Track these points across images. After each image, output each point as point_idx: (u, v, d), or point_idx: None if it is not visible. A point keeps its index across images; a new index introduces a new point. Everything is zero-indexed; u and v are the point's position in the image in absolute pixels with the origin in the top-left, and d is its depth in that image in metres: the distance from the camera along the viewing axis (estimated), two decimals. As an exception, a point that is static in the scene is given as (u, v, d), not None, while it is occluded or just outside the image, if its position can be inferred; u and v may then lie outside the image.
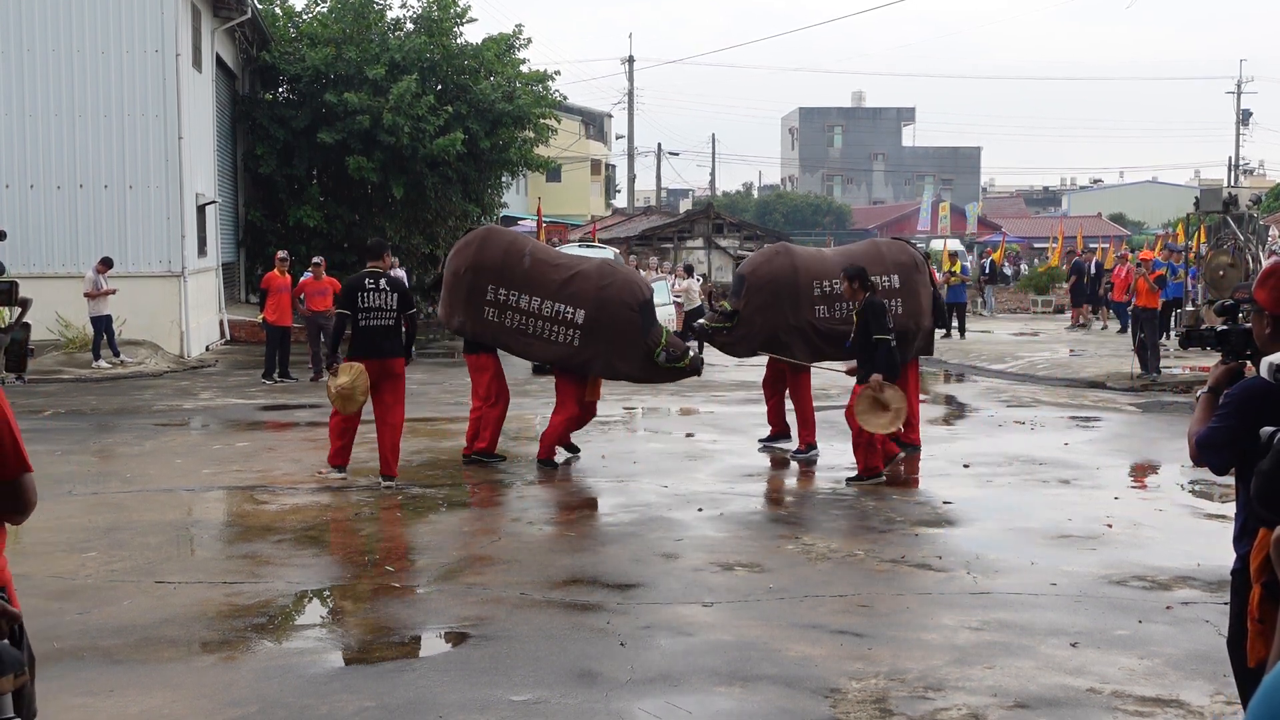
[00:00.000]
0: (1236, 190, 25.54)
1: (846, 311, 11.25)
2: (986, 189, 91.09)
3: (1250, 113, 69.52)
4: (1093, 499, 9.72)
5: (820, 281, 11.54)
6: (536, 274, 10.85)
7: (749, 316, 11.53)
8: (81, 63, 20.23)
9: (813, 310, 11.49)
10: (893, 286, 11.60)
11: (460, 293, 10.91)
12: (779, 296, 11.48)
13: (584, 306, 10.73)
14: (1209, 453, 3.83)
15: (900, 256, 11.89)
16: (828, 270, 11.62)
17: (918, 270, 11.83)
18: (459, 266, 10.95)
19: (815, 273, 11.58)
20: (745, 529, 8.69)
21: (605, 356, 10.82)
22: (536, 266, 10.91)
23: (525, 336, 10.92)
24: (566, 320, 10.76)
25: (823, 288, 11.53)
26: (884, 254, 11.90)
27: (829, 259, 11.96)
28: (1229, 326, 4.19)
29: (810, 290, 11.51)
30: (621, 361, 10.87)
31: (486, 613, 6.59)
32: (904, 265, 11.76)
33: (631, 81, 56.95)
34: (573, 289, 10.78)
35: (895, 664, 5.79)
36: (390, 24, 28.39)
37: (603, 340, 10.76)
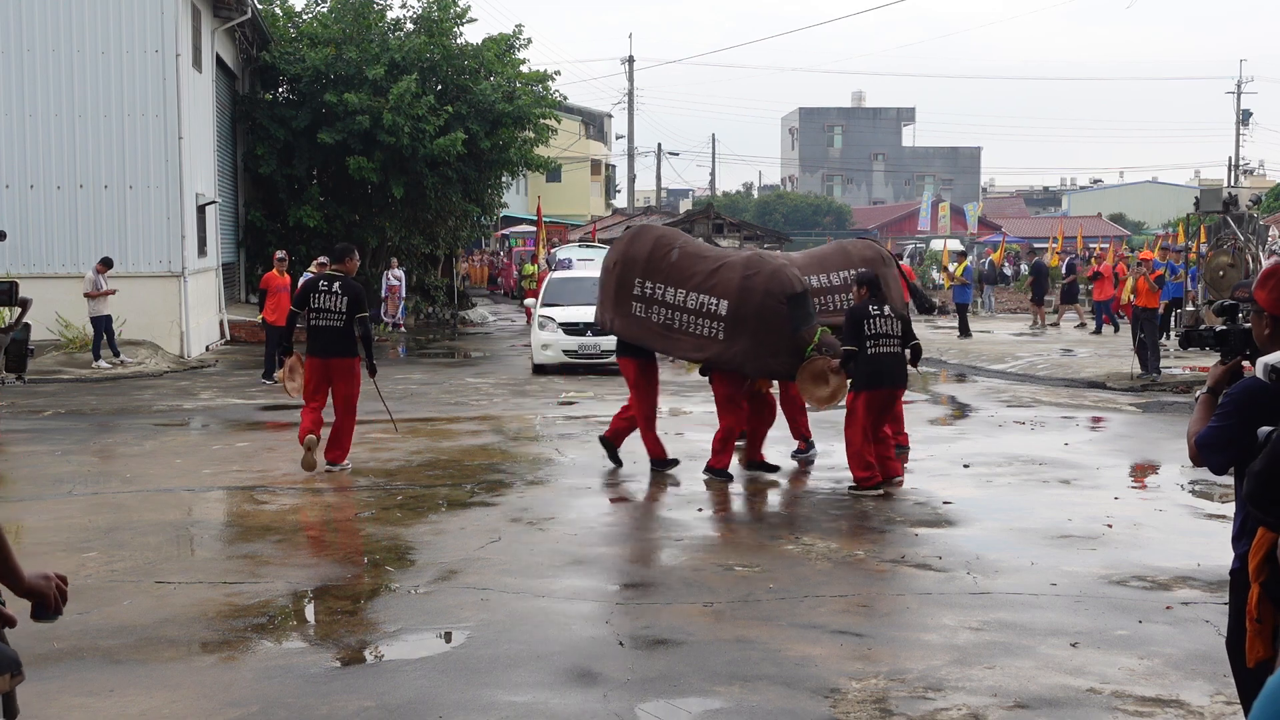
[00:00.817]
0: (1236, 190, 25.57)
1: (820, 306, 11.41)
2: (986, 189, 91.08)
3: (1250, 113, 69.54)
4: (1093, 499, 9.72)
5: None
6: (683, 265, 10.48)
7: None
8: (81, 63, 20.23)
9: None
10: None
11: (610, 288, 10.71)
12: None
13: (727, 297, 10.21)
14: (1208, 453, 3.83)
15: (866, 253, 11.96)
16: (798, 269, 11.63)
17: (885, 264, 11.87)
18: (611, 260, 10.84)
19: None
20: (745, 529, 8.69)
21: (756, 354, 10.24)
22: (684, 258, 10.54)
23: (671, 333, 10.49)
24: (710, 312, 10.27)
25: None
26: (850, 252, 12.02)
27: (796, 259, 12.14)
28: (1228, 327, 4.19)
29: None
30: (773, 359, 10.28)
31: (486, 613, 6.59)
32: (870, 261, 11.79)
33: (631, 81, 56.98)
34: (717, 279, 10.30)
35: (895, 664, 5.79)
36: (390, 24, 28.40)
37: (748, 334, 10.18)
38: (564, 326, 19.27)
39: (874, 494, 9.75)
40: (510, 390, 17.09)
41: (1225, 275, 18.84)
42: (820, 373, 10.14)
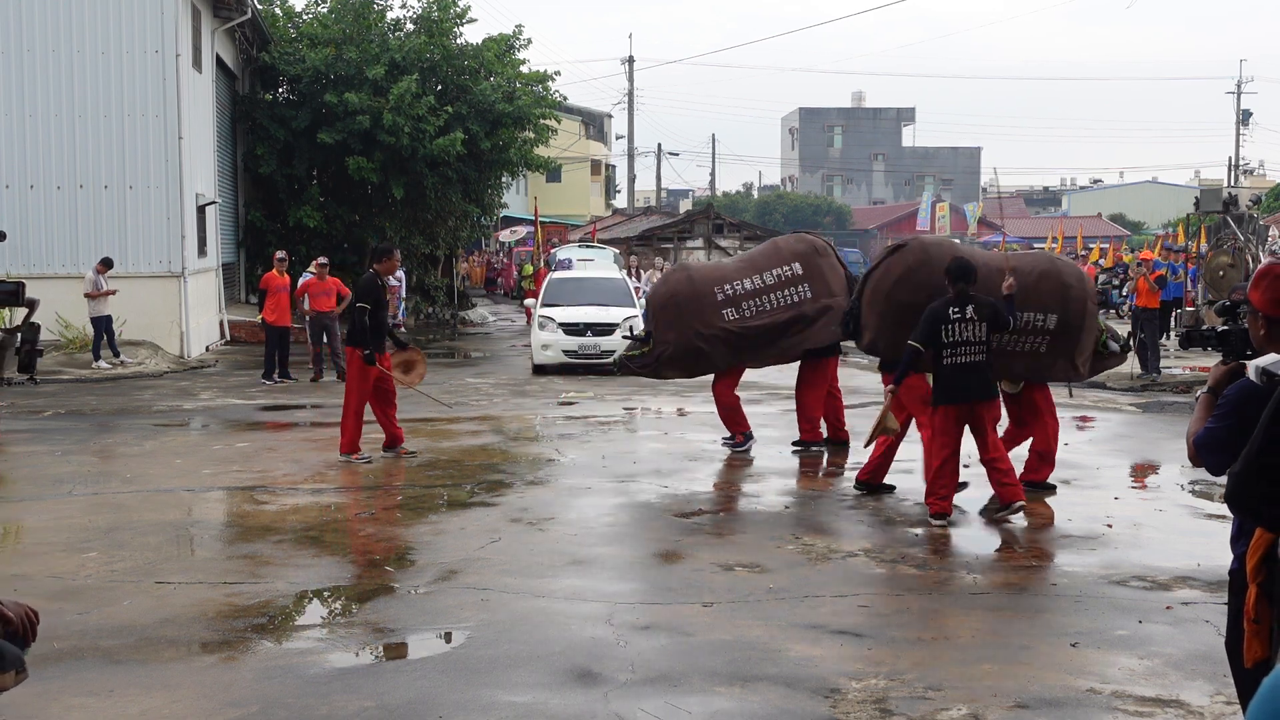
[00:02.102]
0: (1236, 190, 25.58)
1: (756, 310, 11.59)
2: (986, 189, 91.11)
3: (1250, 113, 69.54)
4: (1093, 499, 9.72)
5: (721, 286, 11.63)
6: None
7: (661, 337, 11.67)
8: (81, 63, 20.24)
9: (720, 315, 11.58)
10: (796, 273, 11.73)
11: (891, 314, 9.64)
12: (681, 310, 11.59)
13: (1055, 311, 9.63)
14: (1206, 453, 3.84)
15: (797, 246, 12.04)
16: (726, 275, 11.80)
17: (819, 254, 11.91)
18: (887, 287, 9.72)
19: (714, 279, 11.74)
20: (745, 529, 8.69)
21: (1069, 359, 9.81)
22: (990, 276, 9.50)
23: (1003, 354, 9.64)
24: (1037, 328, 9.66)
25: (725, 291, 11.61)
26: (781, 248, 12.10)
27: (727, 265, 12.22)
28: (1229, 326, 4.19)
29: (713, 296, 11.59)
30: (1080, 358, 9.88)
31: (486, 613, 6.59)
32: (802, 253, 11.86)
33: (631, 82, 56.99)
34: (1041, 291, 9.60)
35: (895, 664, 5.79)
36: (390, 24, 28.40)
37: (1072, 341, 9.75)
38: (564, 327, 19.27)
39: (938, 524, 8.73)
40: (510, 390, 17.09)
41: (1225, 275, 18.86)
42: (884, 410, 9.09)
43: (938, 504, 8.82)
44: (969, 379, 8.71)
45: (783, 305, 11.69)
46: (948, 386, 8.72)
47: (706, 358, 11.69)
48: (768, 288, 11.71)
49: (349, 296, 18.71)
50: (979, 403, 8.80)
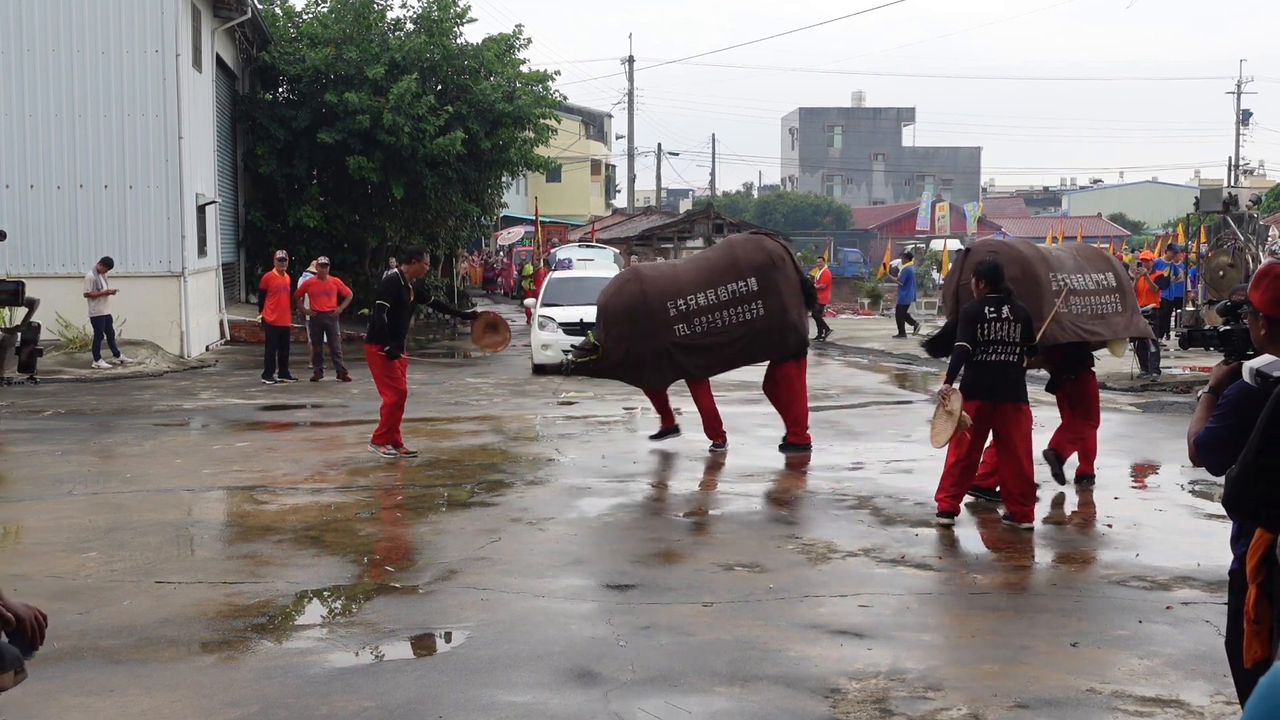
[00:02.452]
0: (1236, 190, 25.56)
1: (707, 326, 11.46)
2: (986, 189, 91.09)
3: (1250, 113, 69.54)
4: (1093, 499, 9.72)
5: (675, 301, 11.48)
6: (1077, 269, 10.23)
7: (611, 347, 11.56)
8: (81, 63, 20.24)
9: (672, 330, 11.46)
10: (751, 290, 11.58)
11: None
12: (635, 324, 11.45)
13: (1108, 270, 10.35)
14: (1206, 453, 3.84)
15: (755, 257, 11.76)
16: (681, 287, 11.57)
17: (775, 266, 11.72)
18: None
19: (668, 293, 11.53)
20: (745, 529, 8.69)
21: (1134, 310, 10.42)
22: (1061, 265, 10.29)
23: None
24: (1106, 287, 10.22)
25: (679, 306, 11.47)
26: (739, 259, 11.76)
27: (681, 275, 11.84)
28: (1231, 326, 4.19)
29: (666, 312, 11.44)
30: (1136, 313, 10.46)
31: (486, 613, 6.59)
32: (759, 266, 11.68)
33: (631, 81, 57.00)
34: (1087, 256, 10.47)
35: (895, 664, 5.79)
36: (390, 24, 28.41)
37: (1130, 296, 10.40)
38: (564, 326, 19.27)
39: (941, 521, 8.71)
40: (510, 390, 17.09)
41: (1225, 275, 18.85)
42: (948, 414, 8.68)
43: (946, 501, 8.76)
44: (997, 378, 8.64)
45: (734, 323, 11.57)
46: (975, 383, 8.63)
47: (650, 371, 11.56)
48: (721, 304, 11.54)
49: (349, 296, 18.74)
50: (1004, 403, 8.68)
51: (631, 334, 11.46)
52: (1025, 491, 8.72)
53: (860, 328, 28.33)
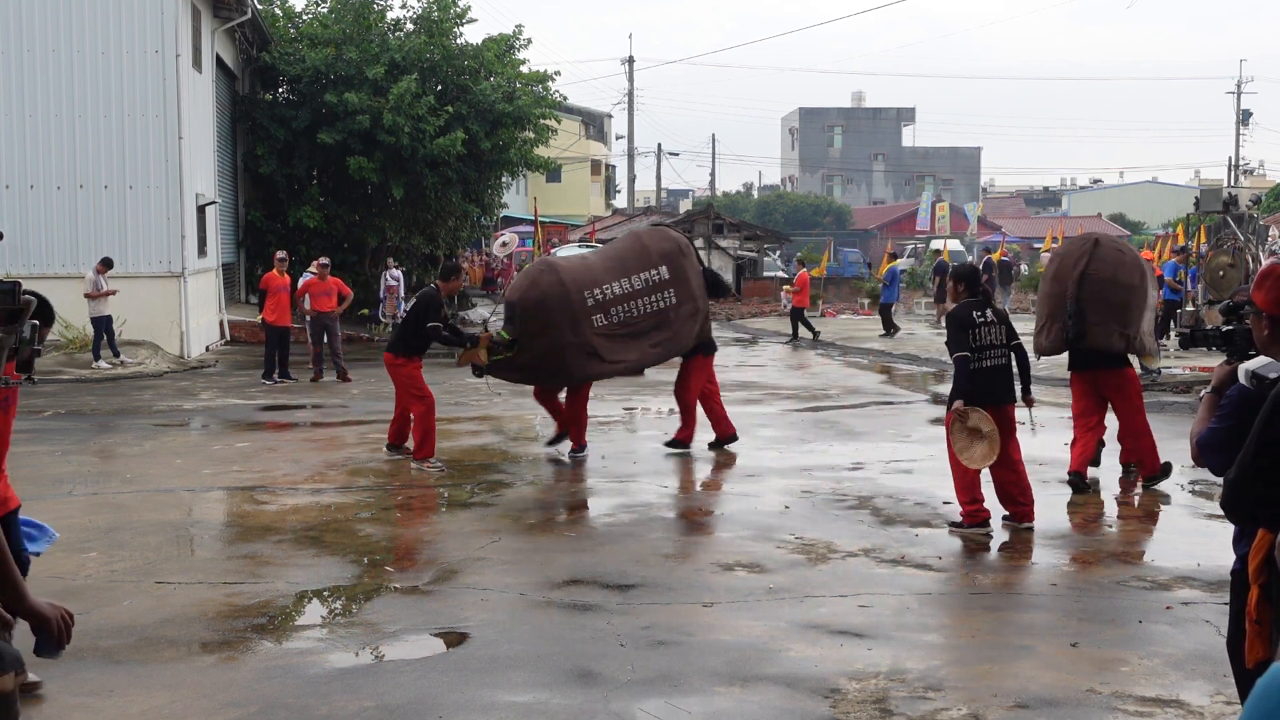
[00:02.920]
0: (1236, 190, 25.56)
1: (624, 316, 11.26)
2: (986, 189, 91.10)
3: (1250, 113, 69.54)
4: (1092, 499, 9.72)
5: (592, 290, 11.21)
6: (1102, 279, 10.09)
7: (529, 343, 11.16)
8: (81, 63, 20.24)
9: (590, 322, 11.16)
10: (663, 278, 11.45)
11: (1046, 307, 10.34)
12: (553, 316, 11.05)
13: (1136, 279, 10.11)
14: (1208, 454, 3.83)
15: (664, 245, 11.66)
16: (596, 277, 11.33)
17: (683, 254, 11.67)
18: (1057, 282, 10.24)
19: (585, 283, 11.24)
20: (745, 529, 8.69)
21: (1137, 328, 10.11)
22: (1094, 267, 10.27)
23: None
24: None
25: (595, 296, 11.20)
26: (648, 247, 11.63)
27: (594, 265, 11.60)
28: (1234, 326, 4.19)
29: (584, 302, 11.14)
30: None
31: (486, 613, 6.58)
32: (669, 253, 11.55)
33: (631, 82, 57.01)
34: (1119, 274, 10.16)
35: (895, 664, 5.79)
36: (390, 24, 28.40)
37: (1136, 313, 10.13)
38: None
39: (980, 532, 8.49)
40: (510, 390, 17.07)
41: (1225, 275, 18.83)
42: (971, 431, 8.56)
43: (978, 512, 8.52)
44: (995, 382, 8.53)
45: (649, 313, 11.39)
46: (977, 391, 8.49)
47: (573, 364, 11.19)
48: (636, 293, 11.37)
49: (349, 297, 18.74)
50: (1002, 406, 8.59)
51: (551, 326, 10.98)
52: (1024, 490, 8.69)
53: (860, 328, 28.32)
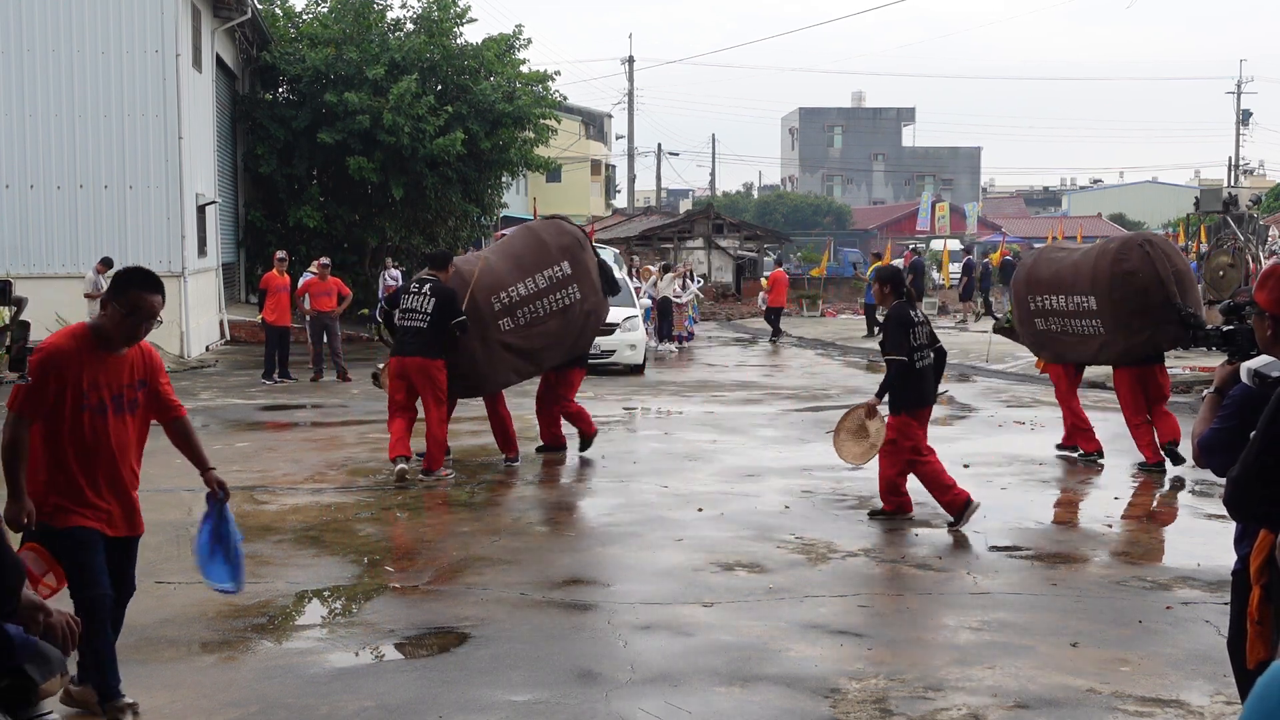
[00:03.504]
0: (1236, 190, 25.55)
1: (530, 318, 10.98)
2: (986, 189, 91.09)
3: (1250, 113, 69.49)
4: (1093, 499, 9.72)
5: (498, 294, 10.91)
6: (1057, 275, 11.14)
7: None
8: (81, 63, 20.23)
9: (498, 326, 10.85)
10: (566, 274, 11.16)
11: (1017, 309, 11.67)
12: None
13: (1093, 292, 10.79)
14: (1209, 454, 3.83)
15: (563, 239, 11.32)
16: (500, 280, 11.00)
17: (583, 248, 11.40)
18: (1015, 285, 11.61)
19: (490, 288, 10.91)
20: (745, 529, 8.69)
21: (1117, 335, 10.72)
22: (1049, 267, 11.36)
23: (1061, 338, 11.22)
24: (1084, 310, 10.88)
25: (501, 300, 10.90)
26: (547, 243, 11.28)
27: (496, 268, 11.16)
28: (1235, 326, 4.19)
29: (490, 307, 10.83)
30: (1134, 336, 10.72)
31: (486, 613, 6.58)
32: (568, 248, 11.24)
33: (631, 82, 57.00)
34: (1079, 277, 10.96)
35: (895, 664, 5.79)
36: (390, 24, 28.39)
37: (1118, 317, 10.66)
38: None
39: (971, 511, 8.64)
40: (510, 390, 17.06)
41: (1225, 275, 18.83)
42: (862, 428, 8.88)
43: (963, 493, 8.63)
44: (928, 382, 8.73)
45: (555, 310, 11.06)
46: (921, 391, 8.64)
47: (487, 372, 10.91)
48: (540, 292, 11.05)
49: (349, 297, 18.73)
50: (930, 405, 8.84)
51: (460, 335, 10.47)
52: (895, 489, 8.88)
53: (860, 328, 28.31)
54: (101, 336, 5.02)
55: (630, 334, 19.32)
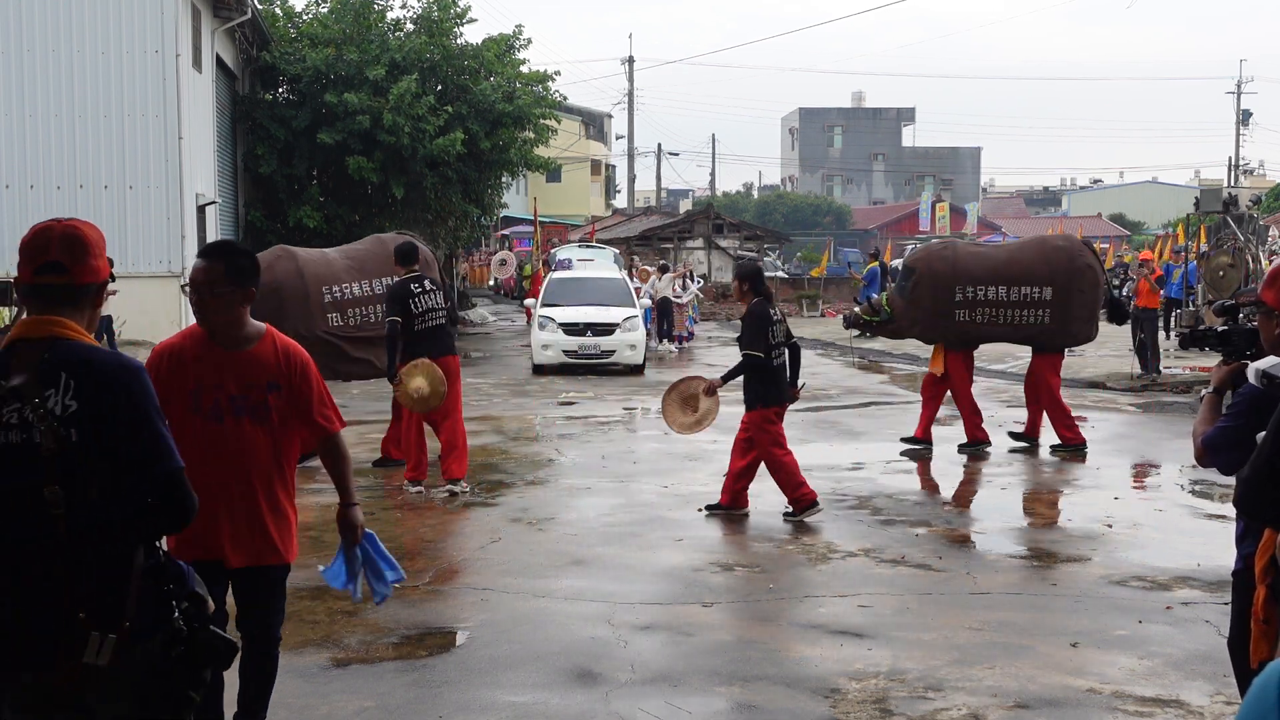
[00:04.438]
0: (1236, 190, 25.53)
1: (360, 320, 10.85)
2: (986, 189, 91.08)
3: (1250, 113, 69.43)
4: (1093, 499, 9.72)
5: (330, 287, 10.79)
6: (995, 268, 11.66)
7: None
8: (81, 63, 20.22)
9: (325, 319, 10.61)
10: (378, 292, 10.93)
11: (928, 301, 11.66)
12: (284, 304, 10.24)
13: (1052, 283, 11.44)
14: (1218, 452, 3.82)
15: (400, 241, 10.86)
16: (337, 275, 10.89)
17: (428, 265, 10.92)
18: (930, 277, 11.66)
19: (324, 278, 10.79)
20: (745, 529, 8.69)
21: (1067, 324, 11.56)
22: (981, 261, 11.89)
23: (985, 328, 11.70)
24: (1034, 300, 11.47)
25: (334, 294, 10.79)
26: (388, 245, 11.02)
27: (334, 262, 11.11)
28: (1230, 326, 4.19)
29: (320, 297, 10.62)
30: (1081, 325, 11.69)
31: (486, 613, 6.58)
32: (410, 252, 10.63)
33: (631, 82, 57.00)
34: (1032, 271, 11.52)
35: (895, 664, 5.79)
36: (390, 24, 28.38)
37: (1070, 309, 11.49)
38: (564, 327, 19.28)
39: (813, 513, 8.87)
40: (510, 390, 17.09)
41: (1225, 275, 18.82)
42: (691, 395, 9.30)
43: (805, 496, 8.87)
44: (782, 378, 8.96)
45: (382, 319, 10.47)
46: (780, 387, 8.88)
47: None
48: (376, 297, 10.86)
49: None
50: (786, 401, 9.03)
51: (279, 315, 9.42)
52: None
53: (860, 328, 28.30)
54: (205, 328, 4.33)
55: (630, 334, 19.34)
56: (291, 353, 4.39)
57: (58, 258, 3.05)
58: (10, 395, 2.92)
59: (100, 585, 2.91)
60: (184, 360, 4.25)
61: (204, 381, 4.22)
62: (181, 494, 3.01)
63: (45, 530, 2.88)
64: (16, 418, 2.92)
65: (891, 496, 9.81)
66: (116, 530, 2.94)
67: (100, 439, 2.93)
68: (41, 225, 3.13)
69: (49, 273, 3.04)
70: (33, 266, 3.06)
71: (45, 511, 2.88)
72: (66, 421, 2.91)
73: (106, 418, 2.93)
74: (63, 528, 2.88)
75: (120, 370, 3.01)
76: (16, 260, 3.16)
